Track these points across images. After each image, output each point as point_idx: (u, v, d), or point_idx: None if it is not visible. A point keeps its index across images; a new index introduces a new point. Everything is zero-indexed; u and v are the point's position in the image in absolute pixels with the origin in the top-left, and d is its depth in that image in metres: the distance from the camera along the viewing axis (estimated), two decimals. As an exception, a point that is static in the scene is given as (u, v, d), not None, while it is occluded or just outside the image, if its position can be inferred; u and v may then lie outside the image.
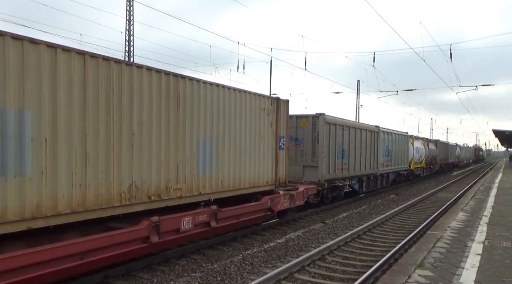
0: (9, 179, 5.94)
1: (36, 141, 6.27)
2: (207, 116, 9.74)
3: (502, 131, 44.80)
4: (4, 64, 5.86)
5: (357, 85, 51.79)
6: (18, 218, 6.03)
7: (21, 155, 6.09)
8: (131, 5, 29.50)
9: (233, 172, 10.72)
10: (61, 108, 6.60)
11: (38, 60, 6.25)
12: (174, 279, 7.94)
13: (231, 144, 10.65)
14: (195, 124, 9.36)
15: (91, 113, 7.06)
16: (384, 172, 24.25)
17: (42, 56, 6.29)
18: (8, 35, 5.92)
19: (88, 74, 6.99)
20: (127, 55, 29.57)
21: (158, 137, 8.38)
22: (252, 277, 8.12)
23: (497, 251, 8.69)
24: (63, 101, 6.63)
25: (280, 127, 12.71)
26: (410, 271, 7.18)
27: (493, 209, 15.00)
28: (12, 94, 5.95)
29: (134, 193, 7.85)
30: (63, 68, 6.61)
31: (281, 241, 11.21)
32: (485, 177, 39.24)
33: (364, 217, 15.55)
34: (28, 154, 6.16)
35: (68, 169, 6.71)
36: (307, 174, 16.55)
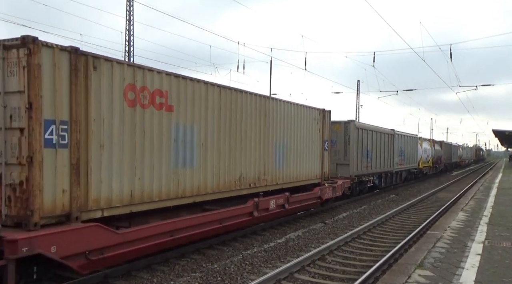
0: (186, 169, 9.25)
1: (197, 145, 9.60)
2: (280, 125, 13.02)
3: (502, 131, 44.80)
4: (185, 96, 9.20)
5: (357, 85, 51.80)
6: (190, 194, 9.38)
7: (191, 154, 9.41)
8: (131, 5, 29.50)
9: (295, 168, 13.99)
10: (209, 123, 9.91)
11: (199, 92, 9.64)
12: (174, 279, 7.94)
13: (294, 146, 13.90)
14: (273, 132, 12.66)
15: (222, 126, 10.38)
16: (398, 170, 27.48)
17: (201, 90, 9.69)
18: (189, 78, 9.37)
19: (221, 100, 10.32)
20: (127, 55, 29.58)
21: (254, 142, 11.75)
22: (252, 277, 8.12)
23: (497, 251, 8.69)
24: (209, 118, 9.94)
25: (325, 132, 16.04)
26: (410, 271, 7.18)
27: (493, 209, 15.01)
28: (188, 114, 9.31)
29: (242, 181, 11.25)
30: (210, 97, 9.95)
31: (281, 241, 11.21)
32: (485, 177, 39.24)
33: (364, 217, 15.55)
34: (195, 153, 9.50)
35: (212, 163, 10.04)
36: (340, 170, 19.47)
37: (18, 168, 6.35)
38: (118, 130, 7.68)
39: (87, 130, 7.10)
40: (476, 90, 31.69)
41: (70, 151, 6.79)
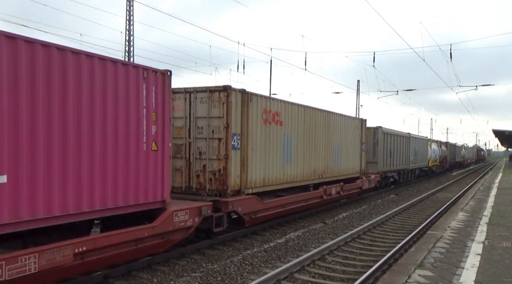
0: (288, 164, 13.44)
1: (293, 148, 13.78)
2: (336, 132, 17.15)
3: (502, 131, 44.82)
4: (288, 114, 13.48)
5: (357, 85, 51.79)
6: (290, 181, 13.67)
7: (290, 154, 13.54)
8: (131, 5, 29.50)
9: (345, 164, 18.11)
10: (299, 132, 14.18)
11: (295, 111, 13.93)
12: (174, 279, 7.94)
13: (344, 148, 18.07)
14: (332, 137, 16.81)
15: (305, 134, 14.63)
16: (413, 168, 31.68)
17: (294, 109, 13.87)
18: (291, 102, 13.76)
19: (305, 116, 14.61)
20: (127, 55, 29.58)
21: (321, 145, 15.85)
22: (252, 277, 8.12)
23: (497, 251, 8.69)
24: (299, 129, 14.20)
25: (362, 137, 20.22)
26: (410, 271, 7.18)
27: (493, 209, 15.01)
28: (288, 127, 13.51)
29: (315, 174, 15.41)
30: (300, 114, 14.22)
31: (281, 241, 11.22)
32: (485, 177, 39.24)
33: (364, 217, 15.55)
34: (292, 154, 13.66)
35: (299, 161, 14.18)
36: (369, 167, 22.69)
37: (217, 162, 10.80)
38: (259, 139, 12.00)
39: (247, 139, 11.39)
40: (476, 90, 31.73)
41: (241, 152, 11.17)
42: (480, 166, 78.94)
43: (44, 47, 6.23)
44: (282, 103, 13.24)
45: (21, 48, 5.94)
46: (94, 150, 6.95)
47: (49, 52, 6.28)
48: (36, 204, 6.12)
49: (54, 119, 6.35)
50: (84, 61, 6.76)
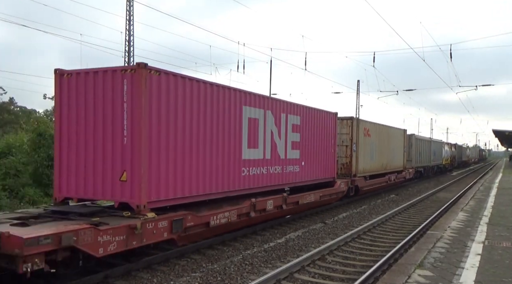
0: (372, 160, 21.59)
1: (375, 150, 21.90)
2: (392, 139, 24.93)
3: (502, 131, 44.82)
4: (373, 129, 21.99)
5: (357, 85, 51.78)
6: (375, 171, 22.07)
7: (373, 154, 21.67)
8: (131, 5, 29.50)
9: (396, 161, 25.99)
10: (378, 141, 22.47)
11: (377, 129, 22.88)
12: (174, 279, 7.94)
13: (396, 149, 25.76)
14: (391, 143, 24.39)
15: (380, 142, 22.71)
16: (433, 165, 40.41)
17: (377, 127, 22.87)
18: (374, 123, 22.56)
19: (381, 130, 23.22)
20: (127, 55, 29.57)
21: (386, 148, 23.62)
22: (252, 277, 8.12)
23: (497, 251, 8.69)
24: (379, 139, 22.58)
25: (405, 141, 28.08)
26: (410, 271, 7.18)
27: (493, 209, 15.01)
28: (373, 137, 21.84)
29: (383, 167, 23.24)
30: (382, 131, 23.23)
31: (281, 241, 11.21)
32: (485, 177, 39.24)
33: (364, 217, 15.55)
34: (374, 154, 21.86)
35: (378, 158, 22.40)
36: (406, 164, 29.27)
37: (344, 158, 19.03)
38: (362, 145, 19.78)
39: (357, 145, 19.19)
40: (476, 90, 31.76)
41: (356, 153, 19.33)
42: (480, 166, 79.33)
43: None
44: (370, 123, 21.53)
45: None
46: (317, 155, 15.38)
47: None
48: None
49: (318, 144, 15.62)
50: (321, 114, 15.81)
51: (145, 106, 8.05)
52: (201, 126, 9.51)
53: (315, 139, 15.24)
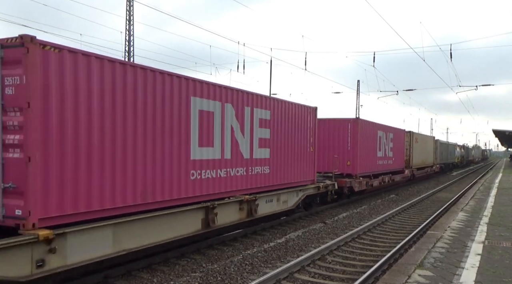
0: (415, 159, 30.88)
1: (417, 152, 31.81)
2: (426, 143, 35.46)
3: (502, 131, 44.81)
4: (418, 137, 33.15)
5: (357, 85, 51.81)
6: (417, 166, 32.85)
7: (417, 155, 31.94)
8: (131, 5, 29.50)
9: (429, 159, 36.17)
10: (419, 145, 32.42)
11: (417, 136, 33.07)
12: (174, 279, 7.94)
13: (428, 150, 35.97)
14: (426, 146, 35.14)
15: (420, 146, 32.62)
16: (450, 162, 51.49)
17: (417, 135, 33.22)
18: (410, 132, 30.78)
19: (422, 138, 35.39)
20: (127, 55, 29.57)
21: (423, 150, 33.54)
22: (252, 277, 8.12)
23: (497, 251, 8.69)
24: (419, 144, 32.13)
25: (434, 144, 38.76)
26: (410, 271, 7.17)
27: (493, 209, 15.00)
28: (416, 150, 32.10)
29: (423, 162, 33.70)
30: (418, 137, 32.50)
31: (281, 241, 11.21)
32: (485, 177, 39.22)
33: (364, 217, 15.55)
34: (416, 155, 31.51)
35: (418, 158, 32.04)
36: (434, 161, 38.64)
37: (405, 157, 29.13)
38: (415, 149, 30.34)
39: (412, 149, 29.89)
40: (476, 90, 31.75)
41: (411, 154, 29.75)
42: (480, 166, 79.67)
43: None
44: (418, 134, 29.68)
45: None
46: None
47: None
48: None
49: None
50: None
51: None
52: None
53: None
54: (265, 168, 12.01)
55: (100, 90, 7.08)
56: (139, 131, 7.84)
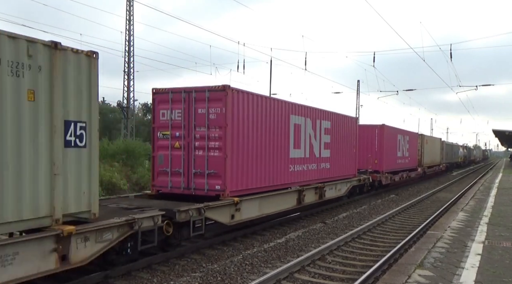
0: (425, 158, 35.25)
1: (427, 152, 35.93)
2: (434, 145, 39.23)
3: (502, 131, 44.82)
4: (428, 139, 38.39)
5: (357, 85, 51.87)
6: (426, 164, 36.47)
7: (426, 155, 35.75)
8: (131, 5, 29.50)
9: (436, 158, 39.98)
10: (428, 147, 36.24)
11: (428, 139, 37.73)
12: (174, 279, 7.94)
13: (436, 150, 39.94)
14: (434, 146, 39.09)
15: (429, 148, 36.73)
16: (454, 162, 55.50)
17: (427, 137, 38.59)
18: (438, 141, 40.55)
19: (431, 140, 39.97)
20: (127, 55, 29.56)
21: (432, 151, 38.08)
22: (252, 277, 8.11)
23: (497, 251, 8.69)
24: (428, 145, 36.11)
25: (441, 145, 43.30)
26: (410, 271, 7.17)
27: (493, 209, 15.00)
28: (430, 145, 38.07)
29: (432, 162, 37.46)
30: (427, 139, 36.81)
31: (281, 241, 11.21)
32: (485, 177, 39.22)
33: (364, 217, 15.55)
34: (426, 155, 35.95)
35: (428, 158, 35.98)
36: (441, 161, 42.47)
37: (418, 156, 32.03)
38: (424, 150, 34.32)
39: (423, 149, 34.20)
40: (476, 90, 31.78)
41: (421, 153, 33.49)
42: (480, 166, 79.86)
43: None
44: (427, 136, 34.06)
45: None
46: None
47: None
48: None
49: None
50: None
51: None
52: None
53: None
54: (327, 164, 16.32)
55: (252, 113, 11.38)
56: (269, 139, 12.22)
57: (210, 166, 10.58)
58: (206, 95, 10.61)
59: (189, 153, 10.82)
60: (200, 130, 10.74)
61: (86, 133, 6.89)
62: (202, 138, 10.73)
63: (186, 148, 10.87)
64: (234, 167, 10.65)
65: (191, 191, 10.82)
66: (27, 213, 6.08)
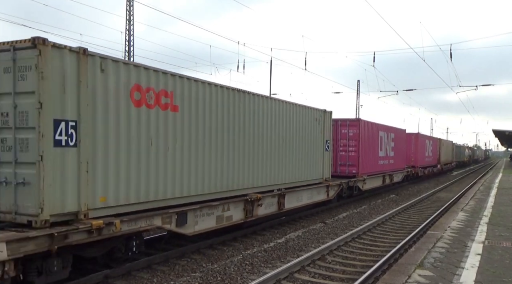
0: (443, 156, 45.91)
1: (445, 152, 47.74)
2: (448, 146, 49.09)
3: (502, 131, 44.81)
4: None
5: (357, 85, 51.87)
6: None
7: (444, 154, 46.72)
8: (131, 5, 29.49)
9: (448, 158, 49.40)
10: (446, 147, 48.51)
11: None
12: (174, 279, 7.94)
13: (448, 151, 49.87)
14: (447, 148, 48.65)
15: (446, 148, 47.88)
16: (461, 161, 63.99)
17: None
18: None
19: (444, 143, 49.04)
20: (127, 55, 29.57)
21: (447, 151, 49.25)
22: (252, 277, 8.11)
23: (497, 251, 8.69)
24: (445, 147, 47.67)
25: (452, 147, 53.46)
26: (410, 271, 7.17)
27: (493, 209, 15.00)
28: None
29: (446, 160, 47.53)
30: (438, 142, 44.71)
31: (281, 241, 11.21)
32: (485, 177, 39.21)
33: (364, 217, 15.55)
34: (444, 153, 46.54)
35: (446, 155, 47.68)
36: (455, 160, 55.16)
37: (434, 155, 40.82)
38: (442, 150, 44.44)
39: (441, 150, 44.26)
40: (476, 90, 31.76)
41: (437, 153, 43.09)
42: (480, 166, 79.98)
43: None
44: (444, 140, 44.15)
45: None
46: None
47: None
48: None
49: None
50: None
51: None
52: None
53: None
54: (391, 161, 24.70)
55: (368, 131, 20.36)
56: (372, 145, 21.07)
57: (349, 161, 19.41)
58: (347, 123, 19.58)
59: (337, 153, 19.46)
60: (342, 141, 19.48)
61: None
62: (344, 145, 19.46)
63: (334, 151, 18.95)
64: (361, 160, 19.45)
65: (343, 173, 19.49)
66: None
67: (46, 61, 6.24)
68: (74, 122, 6.70)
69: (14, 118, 6.43)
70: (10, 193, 6.42)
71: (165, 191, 8.49)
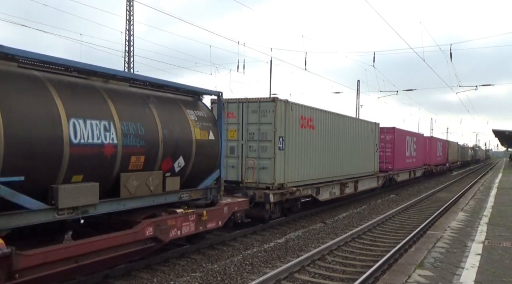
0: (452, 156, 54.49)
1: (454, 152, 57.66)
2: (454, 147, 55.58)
3: (502, 131, 44.82)
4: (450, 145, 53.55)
5: (357, 85, 51.83)
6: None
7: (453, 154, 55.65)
8: (131, 5, 29.49)
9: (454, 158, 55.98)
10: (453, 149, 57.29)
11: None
12: (174, 279, 7.94)
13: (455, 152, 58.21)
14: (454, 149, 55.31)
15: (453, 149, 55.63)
16: (465, 160, 69.47)
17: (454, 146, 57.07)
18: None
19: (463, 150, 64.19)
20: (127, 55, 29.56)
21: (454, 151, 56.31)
22: (252, 277, 8.12)
23: (497, 251, 8.69)
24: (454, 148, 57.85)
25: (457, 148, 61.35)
26: (410, 271, 7.18)
27: (493, 209, 15.00)
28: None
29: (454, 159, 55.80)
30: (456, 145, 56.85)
31: (281, 241, 11.21)
32: (485, 177, 39.22)
33: (364, 217, 15.55)
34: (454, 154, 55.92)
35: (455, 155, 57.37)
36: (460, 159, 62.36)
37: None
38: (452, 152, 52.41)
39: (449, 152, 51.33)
40: (476, 90, 31.75)
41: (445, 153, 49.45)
42: (480, 166, 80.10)
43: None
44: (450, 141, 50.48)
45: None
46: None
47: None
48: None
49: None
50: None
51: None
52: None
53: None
54: (414, 160, 30.31)
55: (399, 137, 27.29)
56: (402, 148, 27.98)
57: (385, 160, 24.32)
58: (384, 130, 24.87)
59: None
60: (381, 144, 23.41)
61: None
62: (382, 147, 23.96)
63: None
64: (395, 159, 24.62)
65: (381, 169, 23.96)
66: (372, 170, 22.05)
67: (276, 108, 12.89)
68: (283, 137, 13.20)
69: (258, 135, 13.15)
70: (255, 173, 12.92)
71: (311, 175, 15.10)
